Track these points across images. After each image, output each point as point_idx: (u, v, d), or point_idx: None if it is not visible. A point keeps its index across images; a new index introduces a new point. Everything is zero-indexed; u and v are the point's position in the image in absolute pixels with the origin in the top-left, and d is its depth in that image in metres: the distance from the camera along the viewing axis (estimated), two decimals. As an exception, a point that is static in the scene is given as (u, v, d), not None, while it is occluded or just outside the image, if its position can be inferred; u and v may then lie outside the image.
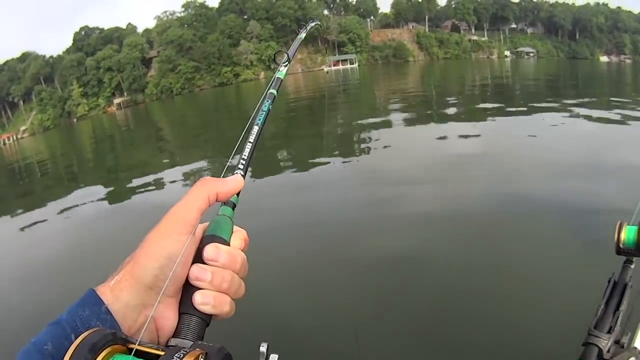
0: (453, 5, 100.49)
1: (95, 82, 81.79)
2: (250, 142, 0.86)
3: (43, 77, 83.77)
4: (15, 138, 70.92)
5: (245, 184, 0.77)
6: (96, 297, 0.59)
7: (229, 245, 0.69)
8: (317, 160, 11.55)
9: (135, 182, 12.38)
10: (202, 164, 13.97)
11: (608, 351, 1.19)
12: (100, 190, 12.43)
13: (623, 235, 1.41)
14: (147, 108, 69.00)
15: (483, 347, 3.75)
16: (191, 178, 11.63)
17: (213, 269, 0.65)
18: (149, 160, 16.98)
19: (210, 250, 0.66)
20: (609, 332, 1.22)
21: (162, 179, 12.43)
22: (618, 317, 1.25)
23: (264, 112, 0.95)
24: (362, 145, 13.23)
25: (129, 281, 0.61)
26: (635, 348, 1.24)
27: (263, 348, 0.61)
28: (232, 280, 0.66)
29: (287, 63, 1.15)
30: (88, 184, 13.91)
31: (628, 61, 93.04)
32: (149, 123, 41.58)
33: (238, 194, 0.77)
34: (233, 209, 0.75)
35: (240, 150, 0.85)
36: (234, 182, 0.75)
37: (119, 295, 0.60)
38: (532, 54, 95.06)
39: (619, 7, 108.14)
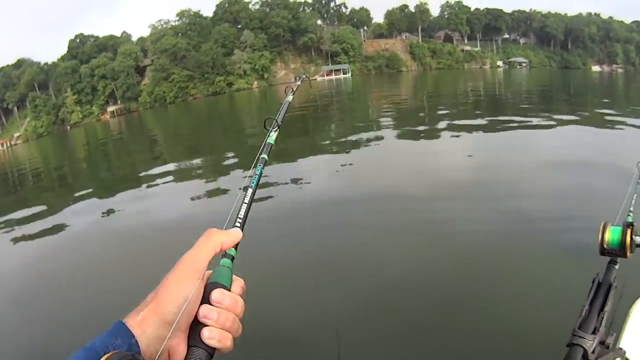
0: (446, 16, 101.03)
1: (89, 90, 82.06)
2: (245, 202, 0.96)
3: (38, 83, 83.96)
4: (8, 144, 71.22)
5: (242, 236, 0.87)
6: (126, 329, 0.70)
7: (230, 291, 0.80)
8: (304, 169, 11.82)
9: (128, 192, 12.61)
10: (196, 174, 14.25)
11: (593, 352, 1.19)
12: (93, 200, 12.64)
13: (607, 236, 1.49)
14: (140, 116, 69.05)
15: (469, 349, 3.81)
16: (184, 188, 11.95)
17: (219, 309, 0.76)
18: (141, 170, 17.15)
19: (217, 294, 0.76)
20: (593, 332, 1.21)
21: (154, 187, 12.68)
22: (603, 317, 1.25)
23: (257, 176, 1.05)
24: (352, 155, 13.44)
25: (154, 318, 0.72)
26: (621, 349, 1.23)
27: None
28: (234, 320, 0.77)
29: (276, 128, 1.23)
30: (80, 193, 13.95)
31: (620, 70, 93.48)
32: (142, 132, 41.76)
33: (236, 247, 0.87)
34: (232, 261, 0.85)
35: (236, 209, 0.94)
36: (235, 234, 0.86)
37: (145, 329, 0.71)
38: (524, 64, 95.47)
39: (610, 17, 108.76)
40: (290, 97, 1.46)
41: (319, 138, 16.97)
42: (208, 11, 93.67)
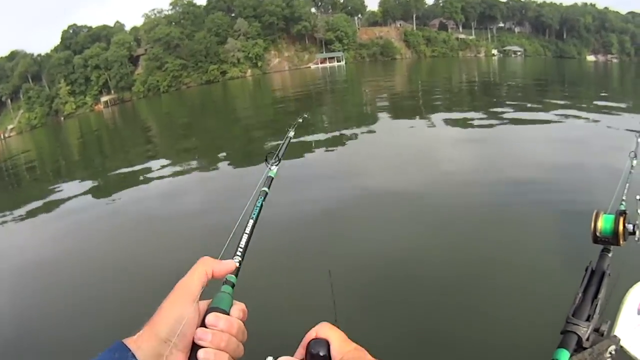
0: (441, 4, 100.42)
1: (83, 80, 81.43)
2: (246, 233, 1.00)
3: (31, 75, 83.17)
4: (2, 137, 70.85)
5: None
6: (123, 346, 0.75)
7: (228, 314, 0.84)
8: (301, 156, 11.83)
9: (122, 182, 12.70)
10: (189, 163, 14.27)
11: (587, 339, 1.19)
12: (87, 190, 12.69)
13: (600, 224, 1.52)
14: (134, 106, 68.87)
15: (464, 337, 3.86)
16: (178, 176, 11.98)
17: (213, 331, 0.80)
18: (135, 161, 17.12)
19: (210, 317, 0.81)
20: (587, 320, 1.22)
21: (148, 177, 12.73)
22: (596, 305, 1.26)
23: (257, 208, 1.09)
24: (348, 143, 13.53)
25: (149, 335, 0.76)
26: (615, 336, 1.23)
27: None
28: (229, 340, 0.81)
29: (277, 163, 1.28)
30: (75, 185, 14.06)
31: (615, 61, 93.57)
32: (136, 121, 41.66)
33: (236, 275, 0.92)
34: (232, 287, 0.90)
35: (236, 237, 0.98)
36: (228, 265, 0.90)
37: (140, 345, 0.75)
38: (519, 53, 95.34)
39: (606, 8, 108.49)
40: (291, 133, 1.51)
41: (313, 128, 16.91)
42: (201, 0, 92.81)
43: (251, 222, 1.04)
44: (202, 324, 0.81)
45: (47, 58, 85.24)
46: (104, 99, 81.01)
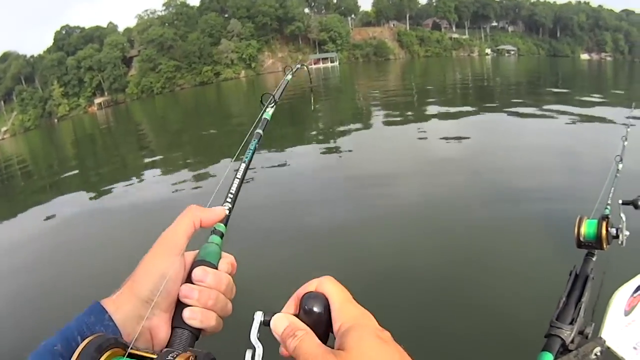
0: (434, 3, 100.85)
1: (76, 82, 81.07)
2: (238, 177, 0.93)
3: (24, 77, 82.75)
4: (-4, 139, 70.76)
5: (235, 211, 0.85)
6: (100, 307, 0.67)
7: (216, 268, 0.77)
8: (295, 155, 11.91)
9: (117, 184, 12.43)
10: (184, 164, 14.07)
11: (572, 342, 1.22)
12: (82, 193, 12.53)
13: (583, 229, 1.54)
14: (127, 108, 68.55)
15: (448, 342, 3.80)
16: (173, 179, 11.72)
17: (200, 288, 0.73)
18: (129, 162, 17.18)
19: (197, 272, 0.74)
20: (571, 323, 1.24)
21: (143, 179, 12.63)
22: (580, 308, 1.28)
23: (251, 151, 1.01)
24: (342, 144, 13.40)
25: (129, 295, 0.69)
26: (601, 338, 1.25)
27: (258, 316, 0.66)
28: (218, 298, 0.74)
29: (273, 105, 1.20)
30: (70, 187, 13.88)
31: (609, 59, 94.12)
32: (129, 123, 41.53)
33: (226, 224, 0.85)
34: (221, 238, 0.83)
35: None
36: (217, 212, 0.83)
37: (120, 306, 0.68)
38: (512, 52, 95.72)
39: (600, 6, 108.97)
40: (289, 77, 1.49)
41: (307, 127, 16.93)
42: (195, 0, 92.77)
43: (243, 165, 0.96)
44: (188, 279, 0.74)
45: (40, 59, 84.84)
46: (97, 100, 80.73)
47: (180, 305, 0.72)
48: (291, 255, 5.99)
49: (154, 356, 0.62)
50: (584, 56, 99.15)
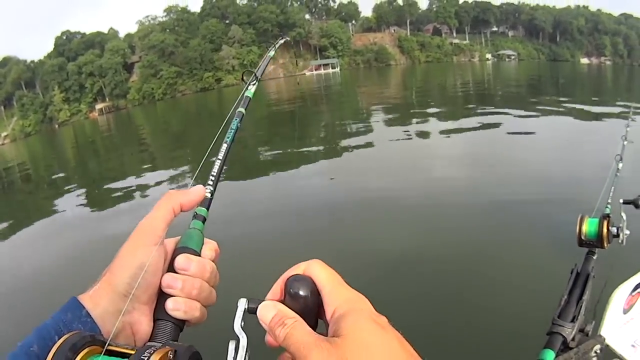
0: (434, 9, 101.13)
1: (77, 88, 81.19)
2: (219, 159, 0.89)
3: (24, 82, 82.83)
4: (-4, 144, 70.75)
5: (219, 193, 0.81)
6: (77, 303, 0.64)
7: (199, 255, 0.73)
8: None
9: (118, 191, 12.42)
10: (184, 170, 13.85)
11: (573, 339, 1.23)
12: (82, 199, 12.53)
13: (584, 228, 1.56)
14: (129, 114, 68.57)
15: (449, 337, 3.80)
16: (173, 184, 11.74)
17: (184, 277, 0.69)
18: (130, 168, 17.09)
19: (180, 260, 0.70)
20: (572, 321, 1.26)
21: (144, 186, 12.61)
22: (581, 306, 1.30)
23: (233, 130, 0.97)
24: (342, 150, 13.39)
25: (106, 289, 0.66)
26: (601, 336, 1.27)
27: (242, 303, 0.61)
28: (202, 287, 0.70)
29: (255, 82, 1.17)
30: (71, 193, 13.72)
31: (608, 63, 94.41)
32: (131, 129, 41.54)
33: (208, 208, 0.81)
34: (203, 222, 0.79)
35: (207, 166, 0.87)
36: (196, 192, 0.78)
37: (98, 302, 0.65)
38: (513, 57, 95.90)
39: (599, 10, 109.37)
40: (272, 52, 1.43)
41: (308, 134, 16.93)
42: (196, 6, 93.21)
43: (225, 146, 0.93)
44: (170, 268, 0.71)
45: (41, 65, 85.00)
46: (98, 106, 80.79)
47: (162, 296, 0.69)
48: (278, 238, 5.99)
49: (133, 352, 0.58)
50: (584, 60, 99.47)
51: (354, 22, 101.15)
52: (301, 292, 0.60)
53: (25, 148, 50.81)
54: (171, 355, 0.58)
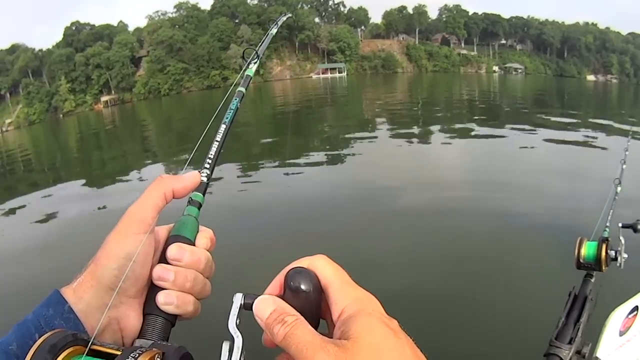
0: (444, 19, 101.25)
1: (84, 79, 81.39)
2: (217, 140, 0.84)
3: (31, 70, 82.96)
4: (0, 131, 70.82)
5: (217, 179, 0.80)
6: (60, 297, 0.60)
7: (194, 244, 0.69)
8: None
9: (119, 183, 12.56)
10: (184, 161, 13.99)
11: None
12: (82, 189, 12.56)
13: (583, 251, 1.57)
14: (134, 107, 68.85)
15: (447, 358, 3.75)
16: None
17: (176, 268, 0.65)
18: (133, 160, 17.24)
19: (173, 250, 0.66)
20: (569, 342, 1.27)
21: (143, 180, 12.60)
22: (579, 328, 1.31)
23: (232, 110, 0.91)
24: (345, 158, 13.40)
25: (91, 282, 0.61)
26: (597, 358, 1.27)
27: (237, 299, 0.57)
28: (196, 279, 0.66)
29: (256, 60, 1.12)
30: (71, 183, 13.88)
31: (614, 81, 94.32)
32: (135, 122, 41.61)
33: (204, 194, 0.76)
34: (199, 209, 0.74)
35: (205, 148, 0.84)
36: (191, 177, 0.73)
37: (81, 295, 0.60)
38: (520, 70, 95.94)
39: (607, 28, 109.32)
40: (274, 30, 1.40)
41: (312, 139, 16.95)
42: (206, 4, 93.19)
43: (223, 127, 0.87)
44: (162, 258, 0.67)
45: (48, 54, 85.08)
46: (104, 98, 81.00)
47: (153, 289, 0.65)
48: (279, 229, 5.94)
49: (118, 352, 0.54)
50: (590, 77, 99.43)
51: (363, 27, 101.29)
52: (303, 287, 0.55)
53: (29, 135, 50.91)
54: (159, 358, 0.54)
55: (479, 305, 4.53)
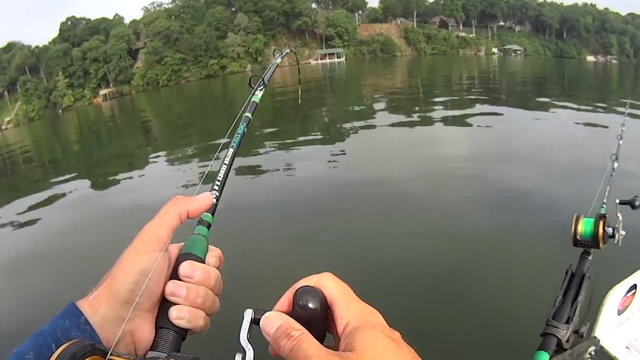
0: (442, 2, 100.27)
1: (81, 73, 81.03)
2: (225, 164, 0.89)
3: (28, 67, 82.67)
4: (-1, 129, 70.82)
5: (225, 195, 0.82)
6: (76, 309, 0.63)
7: (204, 262, 0.72)
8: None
9: (120, 176, 12.52)
10: (187, 157, 14.04)
11: (567, 341, 1.22)
12: (85, 186, 12.56)
13: (580, 228, 1.53)
14: (133, 99, 68.62)
15: (442, 340, 3.77)
16: (175, 167, 12.00)
17: (188, 285, 0.68)
18: (133, 153, 17.24)
19: (185, 267, 0.69)
20: (567, 322, 1.25)
21: (144, 173, 12.73)
22: (576, 307, 1.29)
23: (239, 135, 0.97)
24: (345, 142, 13.33)
25: (107, 296, 0.64)
26: (595, 337, 1.26)
27: (248, 314, 0.61)
28: (206, 296, 0.69)
29: (262, 87, 1.19)
30: (72, 178, 13.74)
31: (614, 62, 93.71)
32: (134, 115, 41.55)
33: (213, 214, 0.80)
34: (208, 229, 0.78)
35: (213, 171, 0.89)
36: (204, 199, 0.77)
37: (97, 308, 0.63)
38: (519, 52, 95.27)
39: (606, 8, 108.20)
40: (278, 60, 1.48)
41: (312, 123, 16.91)
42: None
43: (231, 151, 0.92)
44: (173, 275, 0.70)
45: (45, 50, 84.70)
46: (102, 92, 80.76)
47: (165, 304, 0.68)
48: (286, 246, 5.98)
49: None
50: (590, 58, 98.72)
51: (360, 12, 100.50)
52: (310, 305, 0.58)
53: (29, 132, 50.85)
54: None
55: (476, 284, 4.52)
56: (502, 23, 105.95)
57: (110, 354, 0.57)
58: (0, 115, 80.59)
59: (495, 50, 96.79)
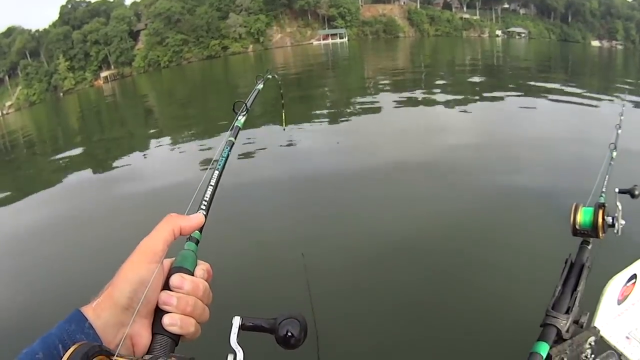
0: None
1: (82, 56, 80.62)
2: (211, 185, 0.96)
3: (29, 51, 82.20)
4: (0, 114, 70.59)
5: (210, 216, 0.88)
6: (81, 315, 0.69)
7: (193, 275, 0.79)
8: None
9: (121, 159, 12.68)
10: (187, 140, 14.08)
11: (567, 331, 1.21)
12: (87, 169, 12.62)
13: (579, 217, 1.52)
14: (134, 81, 68.55)
15: (440, 333, 3.77)
16: (176, 153, 11.98)
17: (178, 295, 0.74)
18: (135, 135, 17.40)
19: (175, 279, 0.76)
20: (567, 312, 1.24)
21: (147, 154, 12.83)
22: (576, 297, 1.28)
23: (224, 159, 1.05)
24: (347, 124, 13.37)
25: (108, 303, 0.70)
26: (595, 327, 1.26)
27: (236, 320, 0.70)
28: (196, 304, 0.75)
29: (245, 113, 1.25)
30: (75, 162, 13.82)
31: (619, 47, 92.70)
32: (135, 96, 41.50)
33: (201, 231, 0.87)
34: (197, 244, 0.85)
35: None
36: (196, 219, 0.85)
37: (100, 314, 0.69)
38: (523, 35, 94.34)
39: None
40: (260, 86, 1.51)
41: (315, 105, 16.85)
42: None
43: (216, 173, 1.00)
44: (165, 286, 0.76)
45: (45, 34, 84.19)
46: (103, 74, 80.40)
47: (159, 312, 0.74)
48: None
49: None
50: (595, 43, 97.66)
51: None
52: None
53: (30, 116, 50.83)
54: None
55: (475, 275, 4.48)
56: (506, 5, 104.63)
57: (116, 355, 0.63)
58: (1, 99, 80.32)
59: (499, 32, 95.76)
